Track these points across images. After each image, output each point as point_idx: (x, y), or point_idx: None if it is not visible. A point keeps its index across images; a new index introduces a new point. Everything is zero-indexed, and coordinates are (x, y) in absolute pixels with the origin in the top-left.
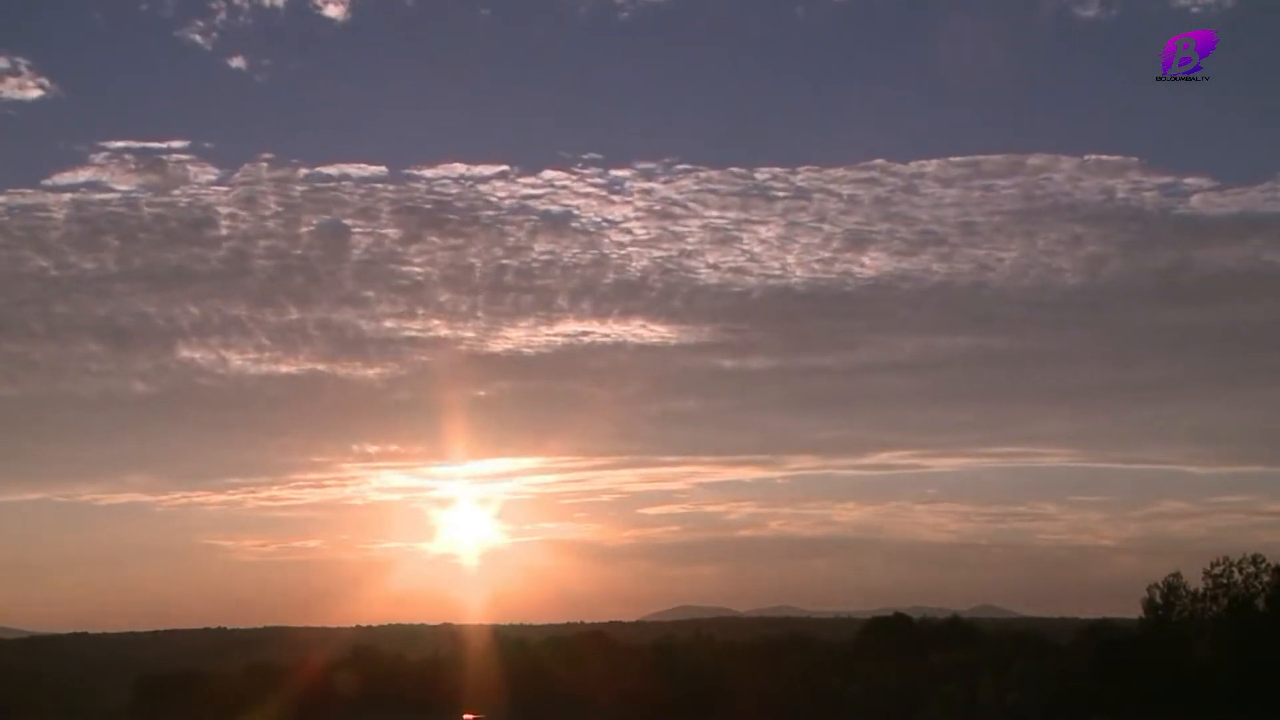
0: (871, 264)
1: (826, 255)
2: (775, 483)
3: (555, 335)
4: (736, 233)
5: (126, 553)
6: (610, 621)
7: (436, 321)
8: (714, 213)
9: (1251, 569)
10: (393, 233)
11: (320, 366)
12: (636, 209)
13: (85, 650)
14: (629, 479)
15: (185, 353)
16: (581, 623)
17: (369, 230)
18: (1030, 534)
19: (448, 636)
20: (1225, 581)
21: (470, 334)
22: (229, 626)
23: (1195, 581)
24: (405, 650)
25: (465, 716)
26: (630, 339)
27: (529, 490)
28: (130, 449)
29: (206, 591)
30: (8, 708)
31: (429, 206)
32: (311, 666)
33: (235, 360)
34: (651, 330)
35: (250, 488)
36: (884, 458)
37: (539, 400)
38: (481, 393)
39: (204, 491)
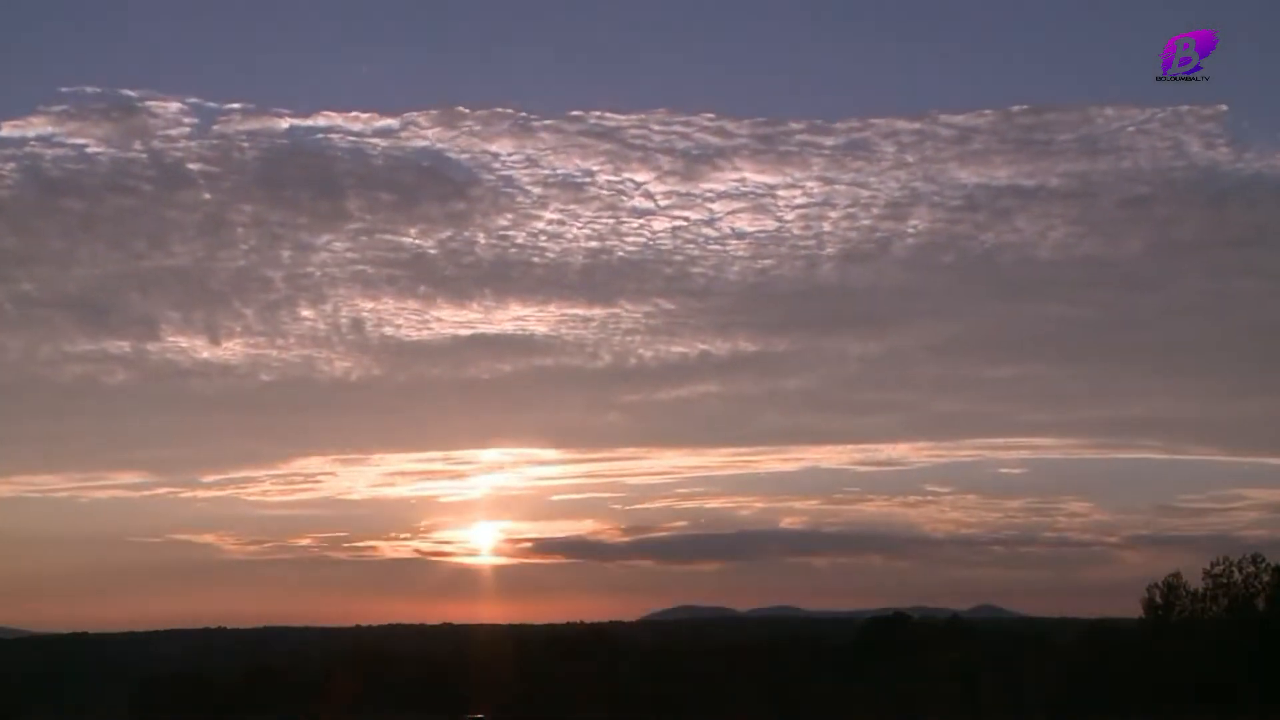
0: (913, 232)
1: (866, 222)
2: (789, 476)
3: (565, 314)
4: (768, 196)
5: (111, 550)
6: (610, 621)
7: (440, 300)
8: (744, 173)
9: (1251, 569)
10: (387, 196)
11: (314, 351)
12: (657, 169)
13: (85, 651)
14: (636, 469)
15: (169, 337)
16: (581, 622)
17: (361, 192)
18: (1039, 529)
19: (447, 636)
20: (1225, 581)
21: (474, 314)
22: (228, 626)
23: (1195, 581)
24: (404, 650)
25: (466, 717)
26: (645, 318)
27: (532, 481)
28: (113, 441)
29: (197, 591)
30: (20, 707)
31: (426, 164)
32: (312, 667)
33: (222, 343)
34: (667, 309)
35: (239, 483)
36: (904, 449)
37: (544, 385)
38: (485, 378)
39: (190, 487)
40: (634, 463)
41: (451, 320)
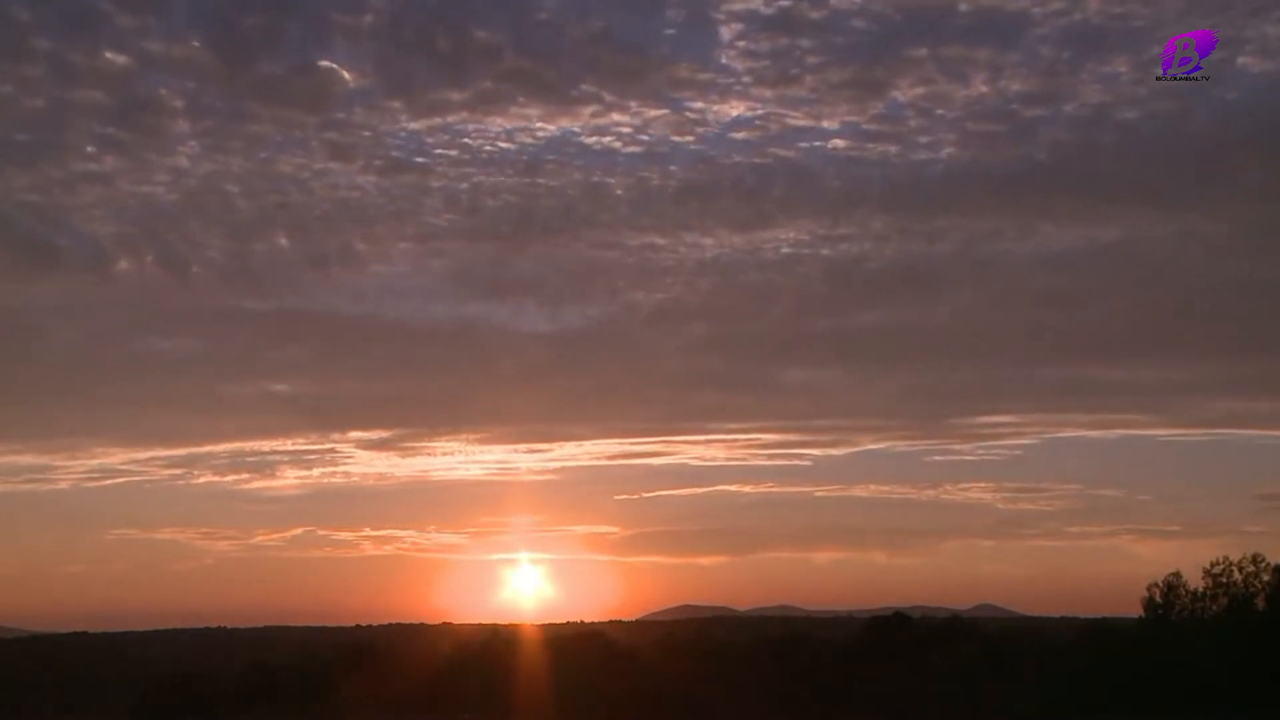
0: (1050, 130)
1: (1000, 106)
2: (804, 466)
3: (588, 253)
4: (875, 83)
5: (88, 547)
6: (610, 620)
7: (449, 244)
8: (852, 52)
9: (1251, 568)
10: (379, 102)
11: (302, 314)
12: (736, 47)
13: (85, 651)
14: (640, 451)
15: (125, 271)
16: (581, 621)
17: (365, 103)
18: (1046, 524)
19: (447, 635)
20: (1225, 580)
21: (477, 282)
22: (228, 626)
23: (1195, 580)
24: (404, 650)
25: (466, 716)
26: (692, 257)
27: (532, 473)
28: (77, 423)
29: (187, 589)
30: (20, 707)
31: (457, 46)
32: (312, 666)
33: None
34: (716, 245)
35: (222, 470)
36: (939, 432)
37: (546, 371)
38: (481, 365)
39: (170, 482)
40: (643, 442)
41: (453, 288)
